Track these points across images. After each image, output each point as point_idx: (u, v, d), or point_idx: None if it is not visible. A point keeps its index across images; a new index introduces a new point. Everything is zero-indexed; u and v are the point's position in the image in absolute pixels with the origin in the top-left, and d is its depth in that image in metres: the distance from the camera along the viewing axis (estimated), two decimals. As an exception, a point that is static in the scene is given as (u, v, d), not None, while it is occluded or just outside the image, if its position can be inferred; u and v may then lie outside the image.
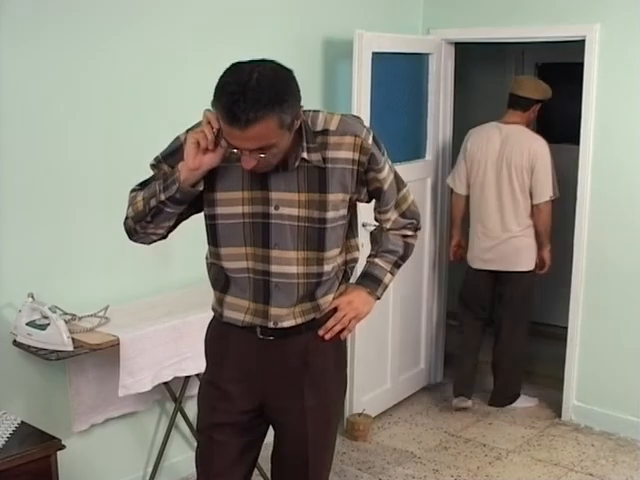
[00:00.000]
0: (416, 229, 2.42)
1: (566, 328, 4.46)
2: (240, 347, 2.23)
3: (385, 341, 4.49)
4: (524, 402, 4.67)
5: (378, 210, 2.35)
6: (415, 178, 4.54)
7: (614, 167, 4.20)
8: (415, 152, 4.61)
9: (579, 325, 4.40)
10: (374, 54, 4.03)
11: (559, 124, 4.65)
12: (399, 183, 2.33)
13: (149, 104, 3.39)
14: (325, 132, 2.12)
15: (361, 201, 2.28)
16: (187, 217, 2.18)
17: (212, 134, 1.98)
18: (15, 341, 3.02)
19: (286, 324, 2.18)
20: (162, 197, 2.06)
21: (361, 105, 4.01)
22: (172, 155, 2.15)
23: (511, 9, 4.43)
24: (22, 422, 2.95)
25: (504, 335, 4.65)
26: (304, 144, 2.08)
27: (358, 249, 2.33)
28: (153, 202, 2.08)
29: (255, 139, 1.91)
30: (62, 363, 3.11)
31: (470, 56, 5.37)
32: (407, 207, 2.36)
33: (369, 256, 2.41)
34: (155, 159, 2.19)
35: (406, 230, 2.39)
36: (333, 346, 2.29)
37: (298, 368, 2.23)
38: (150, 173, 2.20)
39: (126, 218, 2.17)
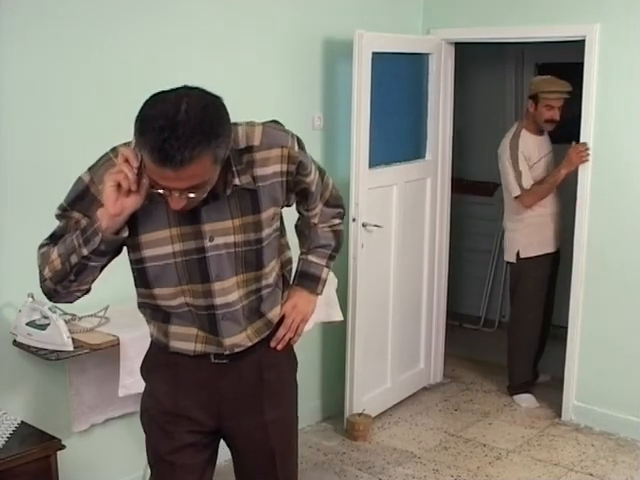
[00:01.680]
0: (342, 216, 2.35)
1: (566, 328, 4.47)
2: (192, 374, 2.11)
3: (385, 341, 4.49)
4: (523, 401, 4.70)
5: (305, 207, 2.23)
6: (415, 178, 4.55)
7: (614, 167, 4.20)
8: (415, 152, 4.61)
9: (579, 325, 4.40)
10: (374, 54, 4.03)
11: (559, 124, 4.66)
12: (322, 175, 2.22)
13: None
14: (250, 149, 1.95)
15: (289, 206, 2.18)
16: (107, 264, 2.00)
17: (133, 173, 1.78)
18: (15, 341, 3.02)
19: (242, 348, 2.10)
20: (84, 252, 1.87)
21: (361, 105, 4.02)
22: (79, 200, 1.95)
23: (511, 9, 4.43)
24: (22, 422, 2.95)
25: None
26: (233, 169, 1.92)
27: (289, 247, 2.23)
28: (74, 259, 1.89)
29: (188, 179, 1.74)
30: (62, 363, 3.11)
31: (470, 56, 5.37)
32: (329, 194, 2.27)
33: (301, 253, 2.33)
34: (60, 208, 1.99)
35: (334, 220, 2.32)
36: (285, 355, 2.24)
37: (255, 384, 2.16)
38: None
39: (43, 280, 1.96)
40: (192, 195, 1.80)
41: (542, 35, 4.42)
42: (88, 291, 2.04)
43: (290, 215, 2.25)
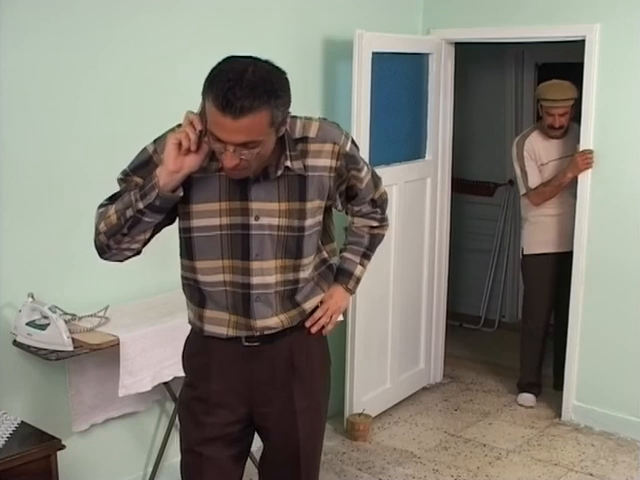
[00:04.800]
0: (382, 219, 2.42)
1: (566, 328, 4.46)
2: (225, 358, 2.19)
3: (385, 341, 4.49)
4: (521, 399, 4.71)
5: (352, 203, 2.32)
6: (415, 178, 4.55)
7: (614, 167, 4.20)
8: (415, 152, 4.61)
9: (579, 325, 4.40)
10: (374, 54, 4.03)
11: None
12: (375, 179, 2.33)
13: (150, 103, 3.39)
14: (305, 139, 2.08)
15: (335, 207, 2.27)
16: (160, 230, 2.11)
17: (195, 135, 1.93)
18: (15, 341, 3.02)
19: (273, 330, 2.17)
20: (140, 205, 1.98)
21: (361, 105, 4.02)
22: (142, 167, 2.07)
23: (511, 9, 4.43)
24: (22, 422, 2.94)
25: None
26: (287, 152, 2.03)
27: (336, 254, 2.34)
28: (130, 212, 2.00)
29: (245, 131, 1.85)
30: (62, 363, 3.11)
31: (470, 56, 5.37)
32: (377, 196, 2.36)
33: (340, 250, 2.42)
34: (123, 173, 2.11)
35: (371, 221, 2.40)
36: (317, 345, 2.30)
37: (285, 371, 2.21)
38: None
39: (98, 234, 2.08)
40: (245, 153, 1.89)
41: (542, 35, 4.42)
42: (139, 252, 2.13)
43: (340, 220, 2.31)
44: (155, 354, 3.13)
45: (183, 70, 3.46)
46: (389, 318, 4.49)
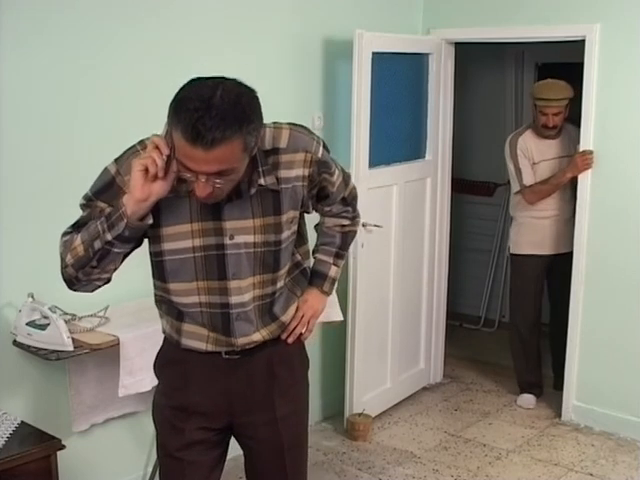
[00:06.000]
0: (353, 219, 2.38)
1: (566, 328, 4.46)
2: (204, 369, 2.14)
3: (385, 341, 4.49)
4: (520, 399, 4.71)
5: (322, 203, 2.27)
6: (415, 178, 4.55)
7: (614, 167, 4.20)
8: (415, 152, 4.61)
9: (579, 325, 4.40)
10: (374, 54, 4.03)
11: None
12: (345, 180, 2.28)
13: (152, 104, 3.37)
14: (276, 151, 1.99)
15: (308, 212, 2.22)
16: (129, 254, 2.01)
17: (162, 160, 1.81)
18: (15, 341, 3.02)
19: (253, 345, 2.12)
20: (108, 237, 1.88)
21: (361, 105, 4.02)
22: (105, 191, 1.97)
23: (511, 9, 4.43)
24: (22, 422, 2.95)
25: None
26: (260, 169, 1.95)
27: (309, 257, 2.29)
28: (98, 244, 1.90)
29: (217, 162, 1.76)
30: (62, 363, 3.11)
31: (470, 56, 5.37)
32: (348, 194, 2.31)
33: (312, 252, 2.37)
34: (85, 197, 2.00)
35: (342, 220, 2.36)
36: (296, 352, 2.26)
37: (266, 380, 2.18)
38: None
39: (65, 266, 1.98)
40: (218, 182, 1.81)
41: (542, 35, 4.42)
42: (108, 281, 2.05)
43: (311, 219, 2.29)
44: (155, 354, 3.12)
45: (183, 70, 3.43)
46: (389, 318, 4.49)
